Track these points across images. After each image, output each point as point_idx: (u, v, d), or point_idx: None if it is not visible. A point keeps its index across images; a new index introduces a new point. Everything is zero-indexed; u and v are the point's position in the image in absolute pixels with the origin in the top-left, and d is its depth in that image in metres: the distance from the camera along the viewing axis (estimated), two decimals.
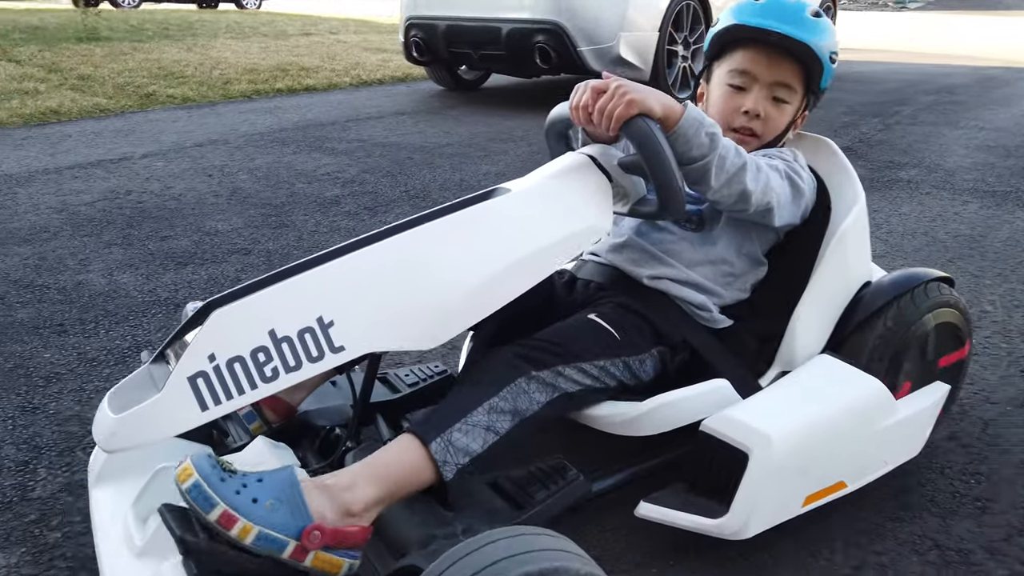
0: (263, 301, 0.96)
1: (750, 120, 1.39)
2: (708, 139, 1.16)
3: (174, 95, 5.80)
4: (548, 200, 1.17)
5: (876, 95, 6.38)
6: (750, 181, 1.20)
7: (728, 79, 1.41)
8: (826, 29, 1.37)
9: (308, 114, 5.33)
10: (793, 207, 1.34)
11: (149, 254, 2.63)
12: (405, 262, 1.04)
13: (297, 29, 10.43)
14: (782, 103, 1.39)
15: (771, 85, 1.38)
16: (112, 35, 8.51)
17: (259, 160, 3.98)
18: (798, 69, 1.37)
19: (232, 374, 0.91)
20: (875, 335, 1.38)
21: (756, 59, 1.37)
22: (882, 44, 11.01)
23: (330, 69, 7.22)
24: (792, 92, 1.39)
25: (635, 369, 1.25)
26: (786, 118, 1.41)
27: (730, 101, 1.41)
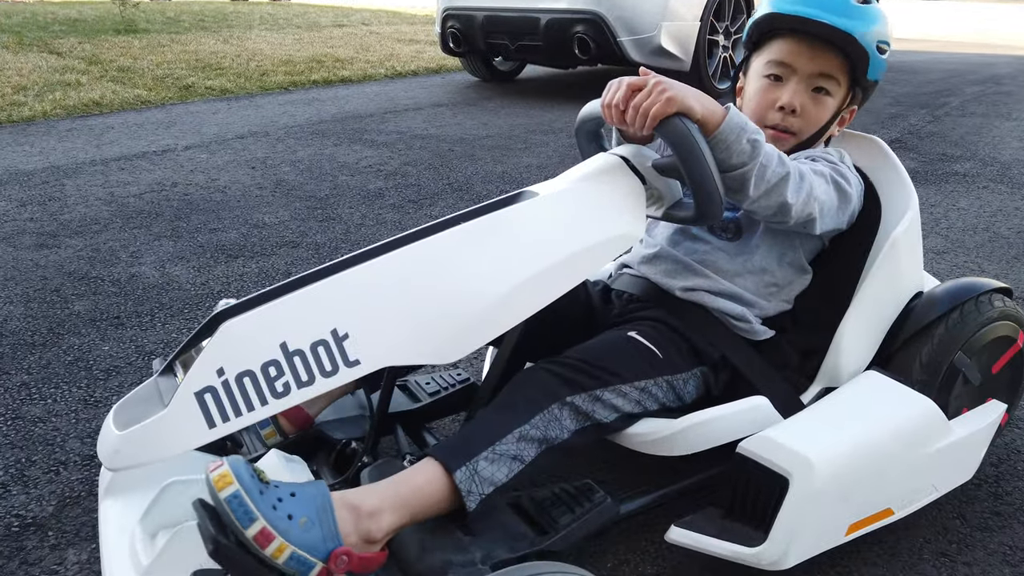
0: (275, 313, 0.92)
1: (786, 117, 1.29)
2: (750, 146, 1.08)
3: (212, 87, 5.82)
4: (577, 205, 1.11)
5: (920, 85, 6.24)
6: (791, 193, 1.12)
7: (765, 70, 1.32)
8: (873, 16, 1.26)
9: (346, 106, 5.32)
10: (839, 214, 1.26)
11: (199, 247, 2.64)
12: (423, 272, 1.00)
13: (330, 20, 10.44)
14: (823, 96, 1.29)
15: (811, 77, 1.28)
16: (150, 27, 8.58)
17: (301, 152, 3.97)
18: (841, 60, 1.26)
19: (241, 389, 0.87)
20: (927, 350, 1.30)
21: (795, 50, 1.27)
22: (920, 34, 10.78)
23: (364, 60, 7.21)
24: (835, 84, 1.28)
25: (679, 389, 1.20)
26: (827, 113, 1.30)
27: (766, 95, 1.31)
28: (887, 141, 4.48)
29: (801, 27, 1.26)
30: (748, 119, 1.10)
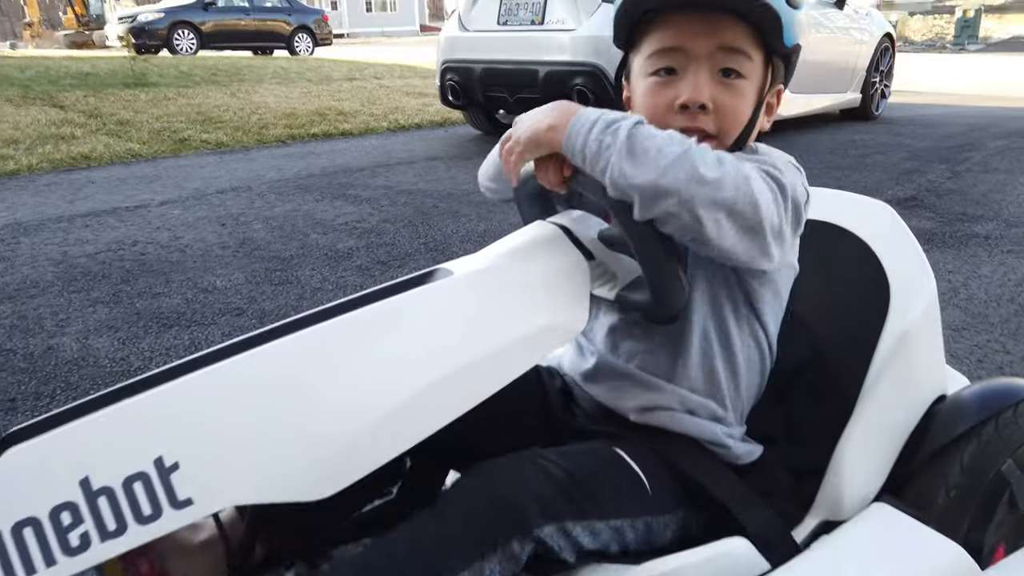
0: (75, 437, 0.67)
1: (694, 116, 0.93)
2: (602, 128, 0.80)
3: (208, 140, 5.73)
4: (501, 287, 0.87)
5: (940, 139, 5.97)
6: (704, 166, 0.78)
7: (650, 67, 0.96)
8: None
9: (339, 159, 5.17)
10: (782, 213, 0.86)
11: (135, 314, 2.42)
12: (287, 378, 0.74)
13: (343, 74, 10.47)
14: (735, 80, 0.93)
15: (712, 57, 0.92)
16: (160, 81, 8.61)
17: (278, 208, 3.79)
18: (746, 26, 0.92)
19: (20, 545, 0.63)
20: (953, 474, 1.01)
21: (682, 28, 0.93)
22: (942, 87, 10.55)
23: (368, 113, 7.12)
24: (745, 60, 0.93)
25: (655, 533, 0.92)
26: (746, 100, 0.94)
27: (658, 95, 0.94)
28: (902, 199, 4.24)
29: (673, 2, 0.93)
30: (614, 112, 0.83)
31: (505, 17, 5.31)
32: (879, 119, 7.02)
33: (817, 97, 6.17)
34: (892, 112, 7.42)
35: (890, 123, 6.81)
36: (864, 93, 6.78)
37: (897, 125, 6.69)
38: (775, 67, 0.97)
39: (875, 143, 5.73)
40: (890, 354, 1.03)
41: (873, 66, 6.75)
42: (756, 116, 0.97)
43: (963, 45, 19.97)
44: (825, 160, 5.02)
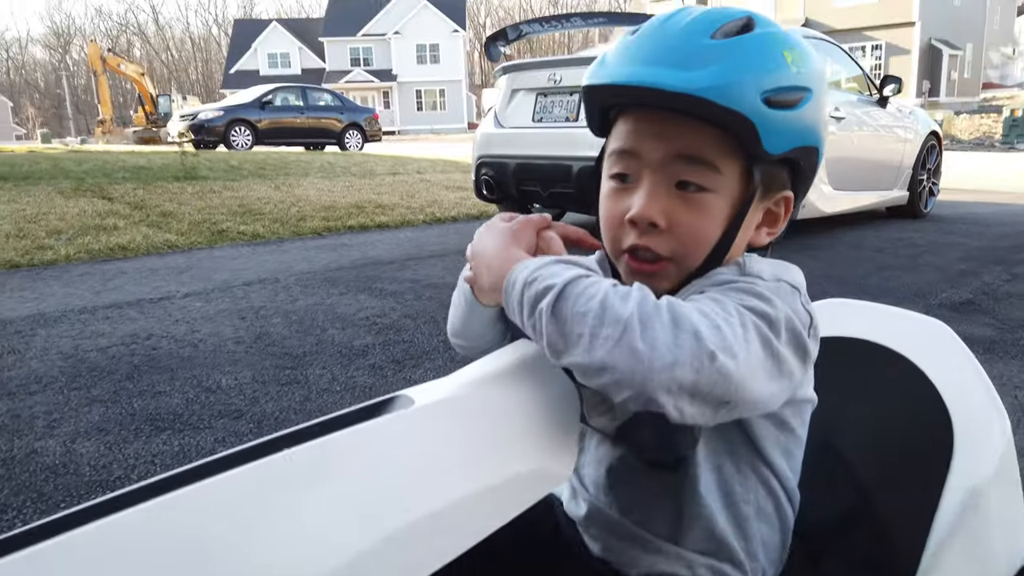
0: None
1: (644, 235, 0.79)
2: (533, 297, 0.68)
3: (245, 232, 5.78)
4: (469, 421, 0.71)
5: (994, 239, 5.71)
6: (650, 344, 0.61)
7: (609, 168, 0.84)
8: (748, 51, 0.75)
9: (371, 251, 5.14)
10: (774, 384, 0.69)
11: (130, 415, 2.30)
12: (187, 539, 0.58)
13: (386, 169, 10.69)
14: (696, 193, 0.78)
15: (666, 165, 0.78)
16: (209, 174, 8.86)
17: (301, 301, 3.71)
18: (711, 131, 0.76)
19: None
20: None
21: (637, 128, 0.80)
22: (992, 185, 10.28)
23: (406, 207, 7.16)
24: (709, 172, 0.77)
25: None
26: (711, 219, 0.78)
27: (613, 204, 0.83)
28: (957, 302, 3.99)
29: (634, 99, 0.79)
30: (545, 265, 0.70)
31: (540, 115, 5.33)
32: (928, 217, 6.80)
33: (863, 194, 6.01)
34: (942, 210, 7.20)
35: (940, 221, 6.58)
36: (911, 191, 6.60)
37: (948, 223, 6.45)
38: (768, 176, 0.80)
39: (925, 242, 5.50)
40: (957, 515, 0.83)
41: (920, 164, 6.59)
42: (731, 235, 0.79)
43: (1012, 144, 19.69)
44: (873, 259, 4.80)
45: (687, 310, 0.64)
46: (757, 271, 0.79)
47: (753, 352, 0.66)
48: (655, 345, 0.61)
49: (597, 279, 0.67)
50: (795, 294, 0.76)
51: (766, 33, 0.77)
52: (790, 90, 0.76)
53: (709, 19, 0.77)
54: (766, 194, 0.82)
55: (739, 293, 0.72)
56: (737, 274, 0.78)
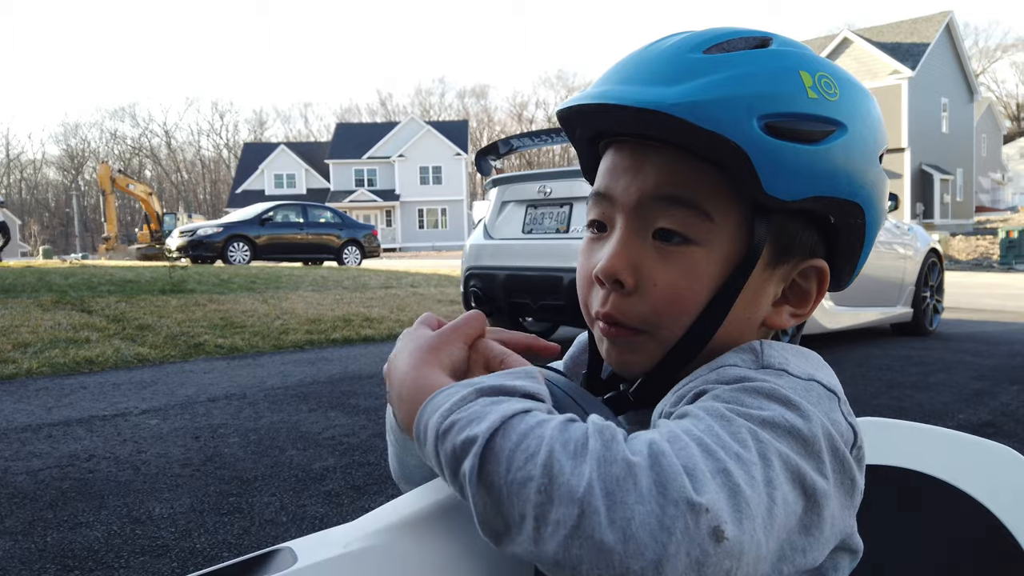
0: None
1: (612, 298, 0.62)
2: (435, 444, 0.50)
3: (223, 345, 5.54)
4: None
5: (1006, 358, 5.46)
6: (609, 528, 0.41)
7: (587, 215, 0.68)
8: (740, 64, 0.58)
9: (351, 366, 4.88)
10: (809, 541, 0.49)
11: (39, 551, 1.99)
12: None
13: (379, 283, 10.57)
14: (682, 244, 0.60)
15: (643, 208, 0.61)
16: (197, 288, 8.72)
17: (265, 419, 3.42)
18: (696, 165, 0.59)
19: None
20: None
21: (612, 164, 0.64)
22: (994, 304, 10.12)
23: (395, 320, 6.96)
24: (697, 216, 0.60)
25: None
26: (697, 279, 0.60)
27: (585, 260, 0.66)
28: (976, 424, 3.70)
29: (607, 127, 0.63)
30: (463, 402, 0.50)
31: (530, 226, 5.21)
32: (934, 335, 6.58)
33: (865, 311, 5.81)
34: (948, 328, 6.99)
35: (947, 339, 6.35)
36: (916, 307, 6.41)
37: (955, 342, 6.22)
38: (784, 233, 0.61)
39: (935, 360, 5.25)
40: None
41: (922, 280, 6.44)
42: (723, 303, 0.60)
43: (1011, 264, 19.78)
44: (882, 377, 4.54)
45: (676, 455, 0.44)
46: (780, 362, 0.57)
47: (779, 504, 0.45)
48: (630, 533, 0.41)
49: (536, 417, 0.47)
50: (832, 399, 0.55)
51: (779, 50, 0.60)
52: (805, 119, 0.57)
53: (711, 35, 0.61)
54: (783, 258, 0.62)
55: (756, 398, 0.51)
56: (753, 365, 0.57)
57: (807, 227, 0.62)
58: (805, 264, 0.64)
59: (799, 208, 0.59)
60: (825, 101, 0.58)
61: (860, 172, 0.60)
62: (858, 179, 0.60)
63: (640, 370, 0.63)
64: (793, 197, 0.58)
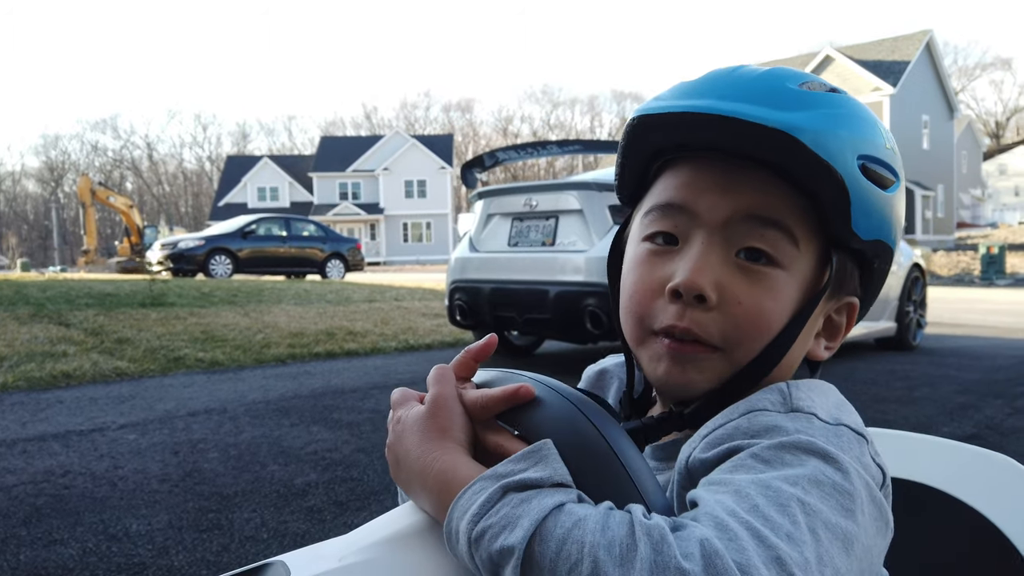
0: None
1: (688, 311, 0.60)
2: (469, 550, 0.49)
3: (203, 359, 5.46)
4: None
5: (989, 372, 5.49)
6: None
7: (646, 227, 0.65)
8: (843, 108, 0.61)
9: (334, 380, 4.82)
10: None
11: (9, 570, 1.93)
12: None
13: (364, 296, 10.51)
14: (765, 266, 0.61)
15: (731, 226, 0.61)
16: (177, 301, 8.62)
17: (246, 434, 3.36)
18: (790, 193, 0.60)
19: None
20: None
21: (694, 178, 0.63)
22: (976, 319, 10.22)
23: (379, 333, 6.90)
24: (785, 240, 0.60)
25: None
26: (779, 302, 0.61)
27: (647, 271, 0.64)
28: (961, 437, 3.69)
29: (695, 138, 0.62)
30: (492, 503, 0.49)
31: (516, 239, 5.19)
32: (918, 349, 6.61)
33: None
34: (931, 343, 7.03)
35: (931, 354, 6.38)
36: (899, 322, 6.44)
37: (939, 356, 6.25)
38: (840, 267, 0.63)
39: (919, 374, 5.26)
40: None
41: (906, 295, 6.47)
42: (794, 331, 0.61)
43: (992, 280, 20.01)
44: (866, 392, 4.54)
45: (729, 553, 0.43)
46: (808, 405, 0.57)
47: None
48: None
49: (572, 515, 0.47)
50: (861, 442, 0.55)
51: (857, 100, 0.64)
52: (885, 166, 0.62)
53: (789, 72, 0.63)
54: (835, 293, 0.65)
55: (796, 455, 0.51)
56: (782, 408, 0.57)
57: (856, 266, 0.65)
58: (844, 301, 0.66)
59: (862, 248, 0.62)
60: (894, 154, 0.63)
61: (901, 221, 0.65)
62: (898, 228, 0.65)
63: (701, 390, 0.62)
64: (869, 237, 0.61)
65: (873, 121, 0.62)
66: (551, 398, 0.59)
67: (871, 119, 0.62)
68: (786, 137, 0.57)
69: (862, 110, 0.62)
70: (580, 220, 4.86)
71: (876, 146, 0.61)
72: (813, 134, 0.57)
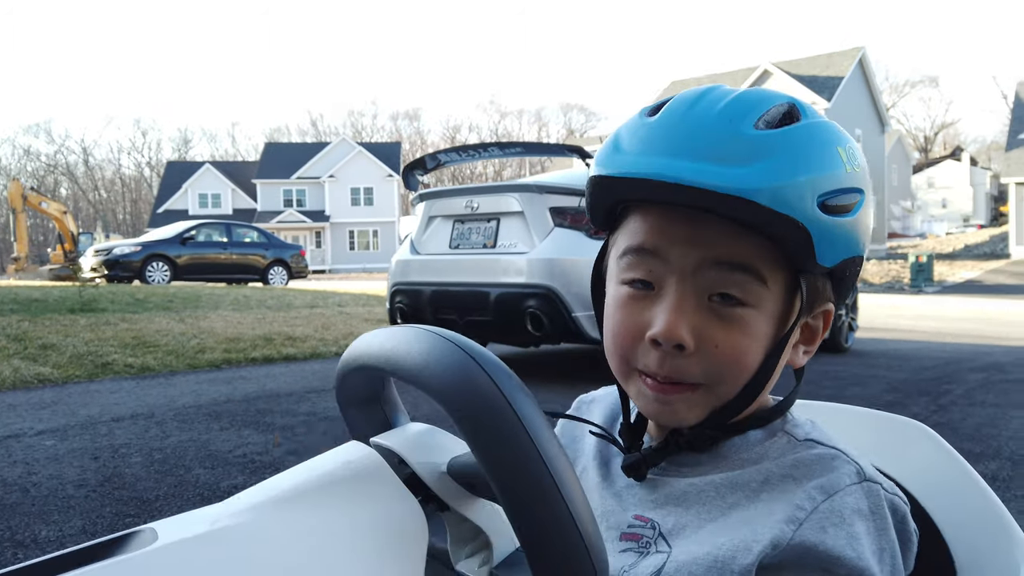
0: None
1: (664, 360, 0.64)
2: None
3: (133, 364, 5.28)
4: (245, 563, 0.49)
5: (916, 372, 5.68)
6: None
7: (622, 271, 0.67)
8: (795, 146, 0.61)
9: (269, 384, 4.71)
10: None
11: None
12: None
13: (305, 302, 10.33)
14: (736, 307, 0.64)
15: (701, 273, 0.64)
16: (109, 307, 8.34)
17: (173, 438, 3.25)
18: (753, 239, 0.63)
19: None
20: None
21: (663, 225, 0.65)
22: (906, 324, 10.57)
23: (319, 339, 6.78)
24: (754, 282, 0.64)
25: None
26: (754, 340, 0.64)
27: (628, 316, 0.66)
28: None
29: (659, 195, 0.63)
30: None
31: (457, 241, 5.16)
32: (850, 352, 6.80)
33: None
34: (862, 346, 7.23)
35: (862, 356, 6.57)
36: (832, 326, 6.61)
37: (869, 358, 6.44)
38: (811, 288, 0.66)
39: (849, 375, 5.41)
40: None
41: None
42: (773, 360, 0.66)
43: (920, 287, 20.73)
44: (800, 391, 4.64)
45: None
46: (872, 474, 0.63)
47: None
48: None
49: None
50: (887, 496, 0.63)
51: (816, 124, 0.64)
52: (846, 192, 0.63)
53: (747, 103, 0.63)
54: (810, 310, 0.68)
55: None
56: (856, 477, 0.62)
57: (827, 280, 0.67)
58: (819, 309, 0.69)
59: (831, 270, 0.65)
60: (854, 172, 0.63)
61: (868, 228, 0.67)
62: (865, 237, 0.67)
63: (693, 422, 0.66)
64: (834, 263, 0.64)
65: (832, 148, 0.63)
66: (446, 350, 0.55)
67: (830, 145, 0.63)
68: (745, 202, 0.59)
69: (821, 136, 0.63)
70: (521, 222, 4.86)
71: (836, 178, 0.62)
72: (770, 192, 0.59)
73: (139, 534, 0.52)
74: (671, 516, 0.65)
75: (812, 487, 0.61)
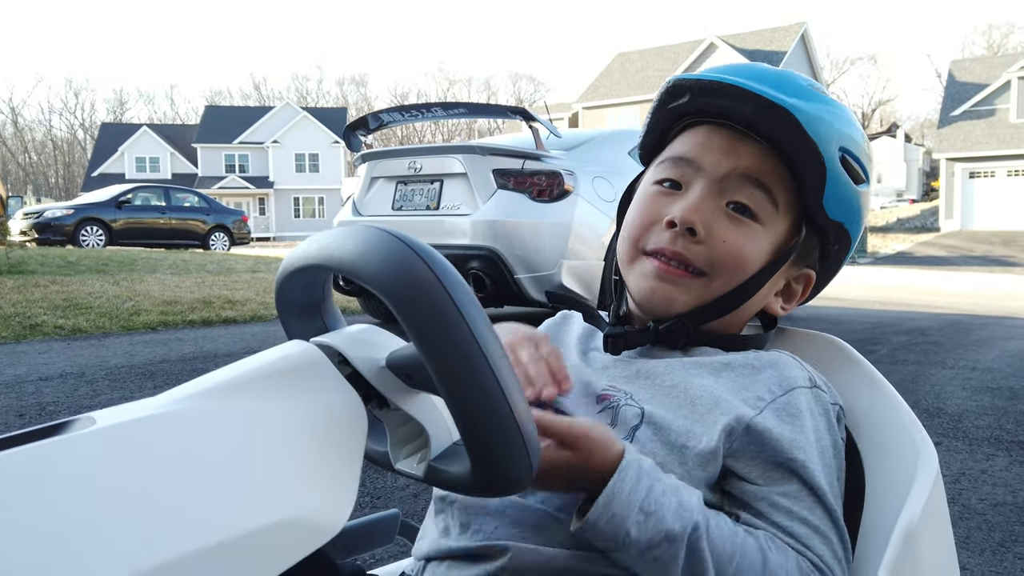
0: None
1: (679, 238, 0.74)
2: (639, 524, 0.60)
3: (63, 326, 5.13)
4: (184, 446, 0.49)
5: (844, 334, 5.88)
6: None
7: (656, 175, 0.79)
8: (836, 108, 0.76)
9: (207, 346, 4.64)
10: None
11: None
12: None
13: (247, 267, 10.14)
14: (745, 219, 0.74)
15: (726, 180, 0.74)
16: (39, 269, 8.06)
17: (103, 397, 3.19)
18: (779, 166, 0.74)
19: None
20: None
21: (704, 140, 0.76)
22: (838, 293, 10.93)
23: (260, 302, 6.68)
24: (766, 202, 0.74)
25: None
26: (753, 245, 0.74)
27: (651, 207, 0.78)
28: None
29: (715, 105, 0.75)
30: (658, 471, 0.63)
31: (400, 203, 5.13)
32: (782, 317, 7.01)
33: None
34: (795, 311, 7.45)
35: (795, 320, 6.77)
36: None
37: (802, 323, 6.64)
38: (807, 239, 0.78)
39: None
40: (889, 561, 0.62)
41: None
42: (763, 278, 0.76)
43: (854, 259, 21.45)
44: None
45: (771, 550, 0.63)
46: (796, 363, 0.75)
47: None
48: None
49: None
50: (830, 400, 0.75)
51: (849, 109, 0.78)
52: (860, 164, 0.76)
53: (800, 75, 0.78)
54: (798, 260, 0.79)
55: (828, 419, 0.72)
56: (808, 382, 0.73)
57: (817, 243, 0.79)
58: (804, 270, 0.80)
59: (827, 226, 0.76)
60: (868, 158, 0.77)
61: (863, 219, 0.78)
62: (861, 222, 0.78)
63: (680, 310, 0.74)
64: (835, 217, 0.75)
65: (859, 127, 0.77)
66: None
67: (857, 126, 0.77)
68: (786, 114, 0.71)
69: (852, 116, 0.77)
70: (465, 184, 4.85)
71: (856, 145, 0.75)
72: (808, 117, 0.71)
73: (77, 421, 0.51)
74: (642, 389, 0.72)
75: (770, 379, 0.70)
